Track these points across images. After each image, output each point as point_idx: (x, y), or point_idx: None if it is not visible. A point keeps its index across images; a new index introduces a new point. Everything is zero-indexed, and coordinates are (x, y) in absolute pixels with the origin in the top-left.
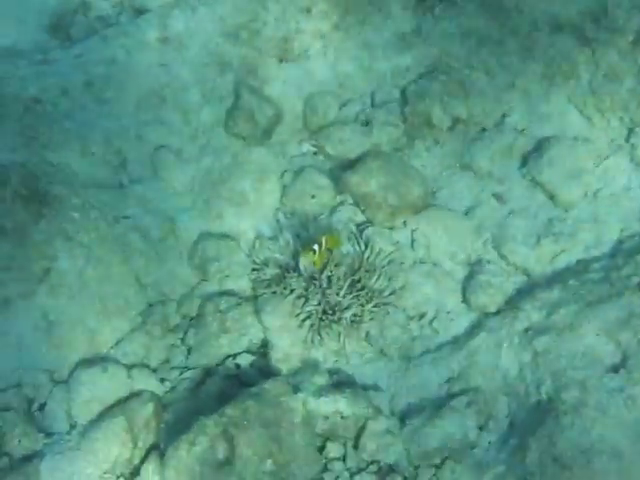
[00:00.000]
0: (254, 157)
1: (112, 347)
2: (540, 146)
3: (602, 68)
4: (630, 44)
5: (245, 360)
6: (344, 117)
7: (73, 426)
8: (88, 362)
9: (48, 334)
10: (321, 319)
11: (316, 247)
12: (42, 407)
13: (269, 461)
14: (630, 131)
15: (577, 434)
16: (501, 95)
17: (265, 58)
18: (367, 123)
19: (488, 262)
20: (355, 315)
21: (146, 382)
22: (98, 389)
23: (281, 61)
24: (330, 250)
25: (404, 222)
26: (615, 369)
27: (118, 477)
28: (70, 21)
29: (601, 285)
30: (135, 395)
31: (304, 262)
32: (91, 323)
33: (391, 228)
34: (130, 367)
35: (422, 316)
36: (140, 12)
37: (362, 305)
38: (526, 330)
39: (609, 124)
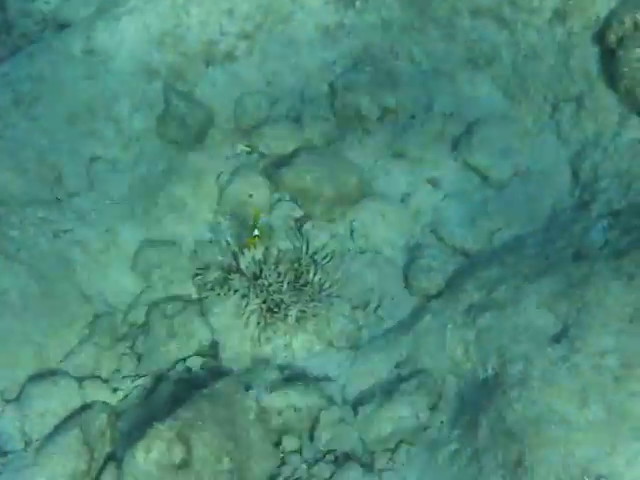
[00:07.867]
0: (189, 161)
1: (61, 361)
2: (469, 129)
3: (522, 48)
4: (547, 22)
5: (195, 363)
6: (275, 115)
7: (28, 443)
8: (38, 377)
9: None
10: (265, 317)
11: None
12: None
13: (226, 459)
14: (554, 107)
15: (525, 406)
16: (427, 82)
17: (192, 62)
18: (298, 119)
19: (427, 246)
20: (300, 311)
21: (98, 393)
22: (50, 403)
23: (208, 64)
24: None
25: (342, 214)
26: (557, 339)
27: None
28: None
29: (538, 259)
30: (88, 406)
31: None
32: (38, 339)
33: (330, 221)
34: (81, 379)
35: (367, 305)
36: (64, 27)
37: (306, 301)
38: (468, 309)
39: (533, 102)
